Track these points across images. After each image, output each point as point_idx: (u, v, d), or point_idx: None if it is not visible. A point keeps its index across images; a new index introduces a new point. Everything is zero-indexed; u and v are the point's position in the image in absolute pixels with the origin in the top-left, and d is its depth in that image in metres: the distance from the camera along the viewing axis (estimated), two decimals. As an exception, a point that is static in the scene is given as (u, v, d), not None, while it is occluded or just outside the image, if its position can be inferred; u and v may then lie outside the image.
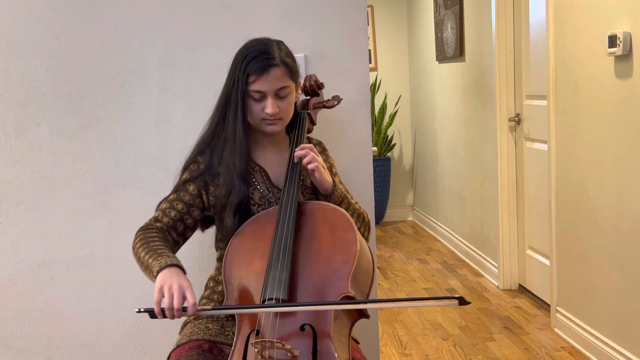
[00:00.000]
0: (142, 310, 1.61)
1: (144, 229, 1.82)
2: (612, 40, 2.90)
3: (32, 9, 2.21)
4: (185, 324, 1.94)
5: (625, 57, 2.87)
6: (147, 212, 2.28)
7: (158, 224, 1.83)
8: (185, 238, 1.89)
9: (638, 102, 2.81)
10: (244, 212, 1.85)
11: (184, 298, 1.60)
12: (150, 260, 1.69)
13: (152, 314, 1.60)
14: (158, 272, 1.64)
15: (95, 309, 2.32)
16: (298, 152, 1.84)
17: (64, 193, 2.28)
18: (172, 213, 1.85)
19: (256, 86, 1.81)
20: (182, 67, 2.27)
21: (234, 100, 1.84)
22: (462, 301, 1.52)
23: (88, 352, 2.33)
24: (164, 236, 1.81)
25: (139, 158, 2.28)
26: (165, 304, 1.59)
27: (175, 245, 1.86)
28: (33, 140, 2.26)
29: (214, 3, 2.25)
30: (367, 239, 1.97)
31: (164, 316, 1.60)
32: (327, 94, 2.17)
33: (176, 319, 1.63)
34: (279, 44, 1.88)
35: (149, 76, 2.26)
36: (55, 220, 2.28)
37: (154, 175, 2.29)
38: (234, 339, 1.66)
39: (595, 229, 3.20)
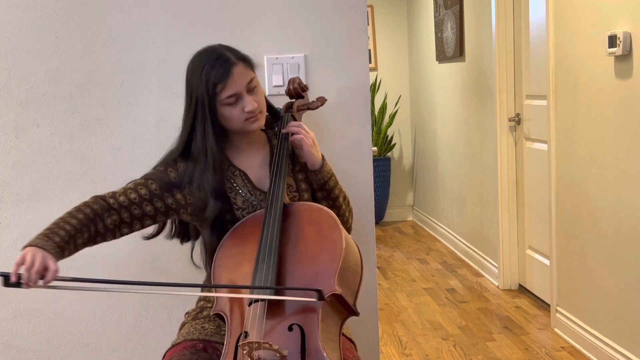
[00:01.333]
0: None
1: (93, 199, 1.78)
2: (612, 40, 2.91)
3: (32, 9, 2.21)
4: (183, 325, 1.94)
5: (625, 57, 2.87)
6: (147, 212, 2.28)
7: (111, 200, 1.79)
8: (142, 224, 1.84)
9: (638, 102, 2.81)
10: (220, 227, 1.84)
11: (45, 267, 1.57)
12: (39, 233, 1.66)
13: (6, 278, 1.54)
14: (26, 246, 1.61)
15: (95, 309, 2.32)
16: (290, 128, 1.89)
17: (64, 193, 2.28)
18: (132, 195, 1.81)
19: (228, 91, 1.80)
20: (182, 67, 2.26)
21: (202, 116, 1.81)
22: (320, 296, 1.58)
23: (88, 352, 2.33)
24: (95, 217, 1.75)
25: (139, 158, 2.28)
26: (23, 269, 1.55)
27: (127, 226, 1.82)
28: (33, 140, 2.26)
29: (214, 3, 2.25)
30: (350, 227, 2.00)
31: (19, 282, 1.55)
32: (327, 94, 2.17)
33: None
34: (222, 45, 1.88)
35: (149, 76, 2.26)
36: (55, 220, 2.28)
37: (154, 175, 2.28)
38: (225, 342, 1.66)
39: (595, 229, 3.20)
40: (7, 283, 1.56)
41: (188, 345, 1.79)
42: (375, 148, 6.43)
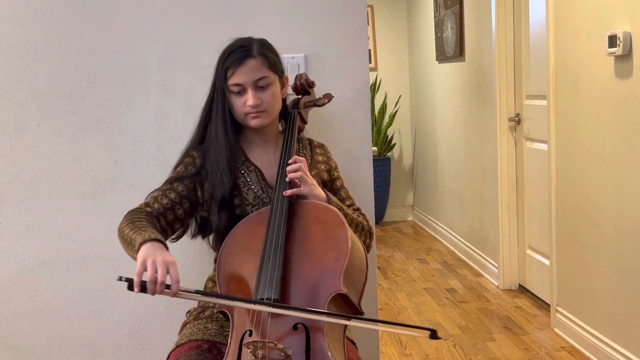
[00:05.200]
0: (123, 278, 1.51)
1: (133, 212, 1.80)
2: (612, 40, 2.90)
3: (32, 9, 2.21)
4: (184, 325, 1.94)
5: (625, 57, 2.87)
6: (147, 212, 2.28)
7: (148, 209, 1.81)
8: (173, 229, 1.86)
9: (638, 102, 2.81)
10: (228, 208, 1.85)
11: (167, 273, 1.54)
12: (133, 236, 1.65)
13: (131, 284, 1.52)
14: (141, 245, 1.59)
15: (95, 309, 2.32)
16: (291, 175, 1.79)
17: (64, 193, 2.28)
18: (164, 201, 1.84)
19: (234, 79, 1.83)
20: (182, 67, 2.27)
21: (217, 99, 1.87)
22: (434, 335, 1.58)
23: (88, 352, 2.33)
24: (151, 220, 1.78)
25: (139, 158, 2.28)
26: (147, 276, 1.52)
27: (163, 233, 1.81)
28: (33, 140, 2.26)
29: (213, 3, 2.25)
30: (369, 247, 1.95)
31: (143, 290, 1.52)
32: (326, 93, 2.17)
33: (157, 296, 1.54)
34: (261, 40, 1.90)
35: (149, 76, 2.26)
36: (55, 220, 2.28)
37: (154, 175, 2.28)
38: (229, 340, 1.66)
39: (595, 229, 3.20)
40: (131, 288, 1.52)
41: (193, 345, 1.79)
42: (375, 148, 6.43)
